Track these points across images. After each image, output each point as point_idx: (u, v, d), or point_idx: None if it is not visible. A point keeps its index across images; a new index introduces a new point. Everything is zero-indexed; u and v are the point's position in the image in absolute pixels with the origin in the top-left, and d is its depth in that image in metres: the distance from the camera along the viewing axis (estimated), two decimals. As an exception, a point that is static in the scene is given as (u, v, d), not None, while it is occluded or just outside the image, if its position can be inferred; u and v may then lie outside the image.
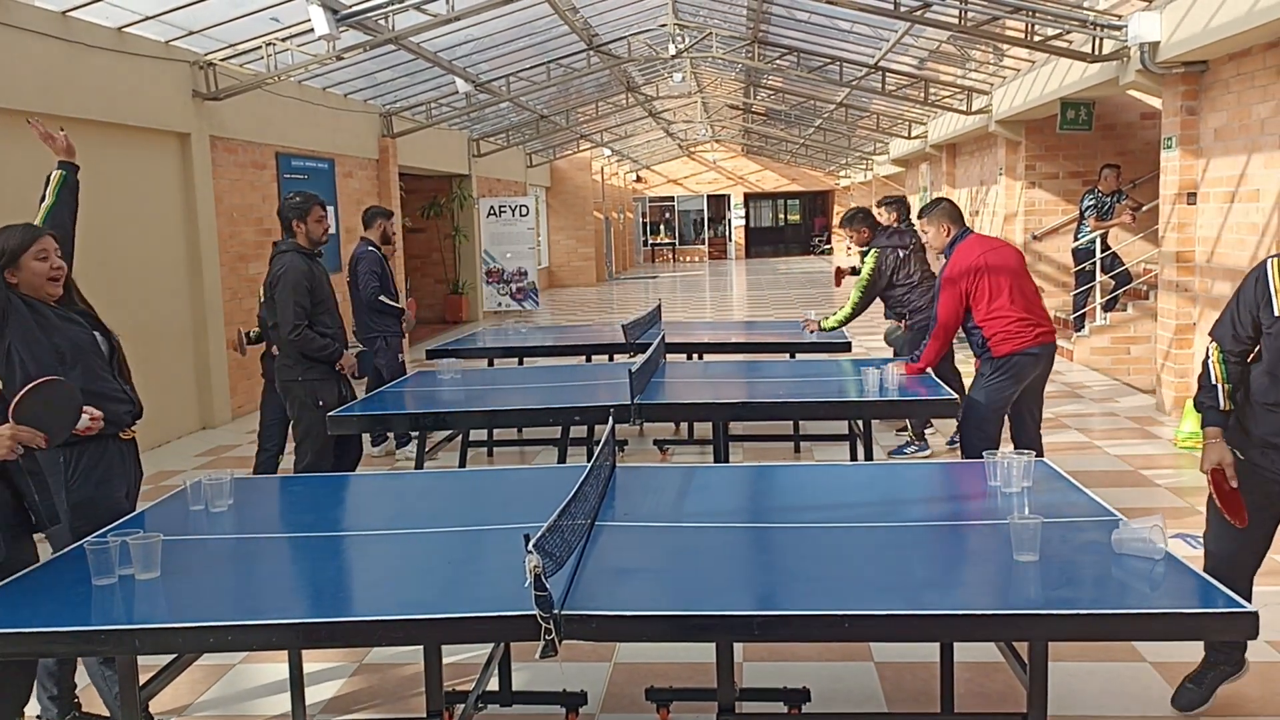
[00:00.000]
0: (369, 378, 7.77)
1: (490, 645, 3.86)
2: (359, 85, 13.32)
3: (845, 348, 7.60)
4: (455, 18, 10.19)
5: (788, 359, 7.57)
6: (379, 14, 9.77)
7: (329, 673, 4.26)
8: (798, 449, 7.86)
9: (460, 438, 7.33)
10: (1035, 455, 3.50)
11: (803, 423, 7.81)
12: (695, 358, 8.11)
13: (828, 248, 38.75)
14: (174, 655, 3.14)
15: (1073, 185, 12.96)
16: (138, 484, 3.86)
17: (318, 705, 4.00)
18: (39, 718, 3.72)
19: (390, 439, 8.33)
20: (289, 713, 3.74)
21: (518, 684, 3.90)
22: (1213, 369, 3.43)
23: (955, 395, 5.35)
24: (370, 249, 7.81)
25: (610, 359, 8.13)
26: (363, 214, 8.09)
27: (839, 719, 3.76)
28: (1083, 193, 11.65)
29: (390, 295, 7.85)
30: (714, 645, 2.95)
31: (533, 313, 19.33)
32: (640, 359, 5.74)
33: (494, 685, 3.81)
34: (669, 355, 7.19)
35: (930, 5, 9.79)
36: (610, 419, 4.03)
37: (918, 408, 5.92)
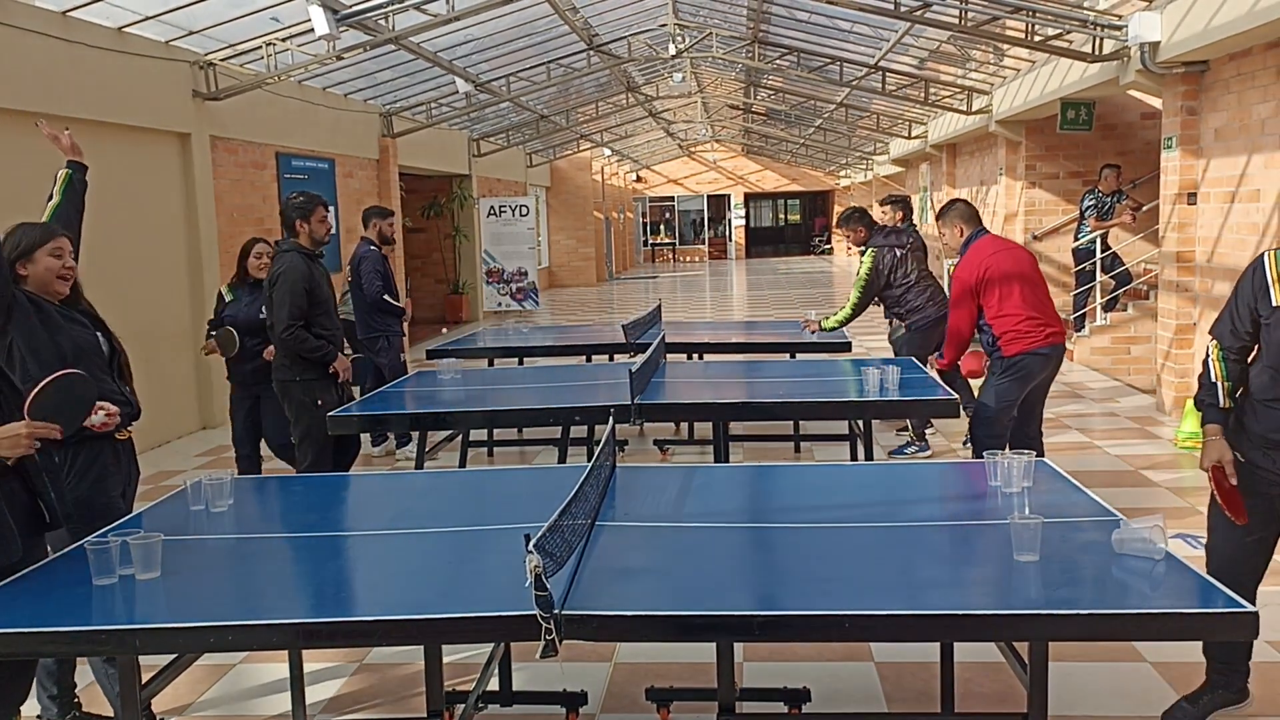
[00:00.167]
0: (370, 377, 7.78)
1: (490, 645, 3.86)
2: (359, 85, 13.32)
3: (845, 348, 7.60)
4: (455, 18, 10.20)
5: (788, 359, 7.57)
6: (379, 14, 9.78)
7: (329, 672, 4.27)
8: (798, 449, 7.86)
9: (460, 438, 7.33)
10: (1035, 455, 3.50)
11: (803, 423, 7.82)
12: (695, 358, 8.12)
13: (828, 248, 38.75)
14: (174, 655, 3.14)
15: (1073, 185, 12.96)
16: (134, 484, 3.87)
17: (318, 705, 4.01)
18: (39, 718, 3.72)
19: (391, 439, 8.35)
20: (289, 712, 3.74)
21: (518, 684, 3.90)
22: (1212, 366, 3.42)
23: (955, 396, 5.35)
24: (372, 249, 7.84)
25: (610, 359, 8.13)
26: (362, 215, 8.13)
27: (839, 719, 3.76)
28: (1083, 193, 11.65)
29: (393, 295, 7.89)
30: (714, 645, 2.95)
31: (533, 313, 19.34)
32: (640, 359, 5.73)
33: (494, 685, 3.81)
34: (669, 355, 7.19)
35: (930, 5, 9.79)
36: (610, 419, 4.03)
37: (918, 408, 5.93)
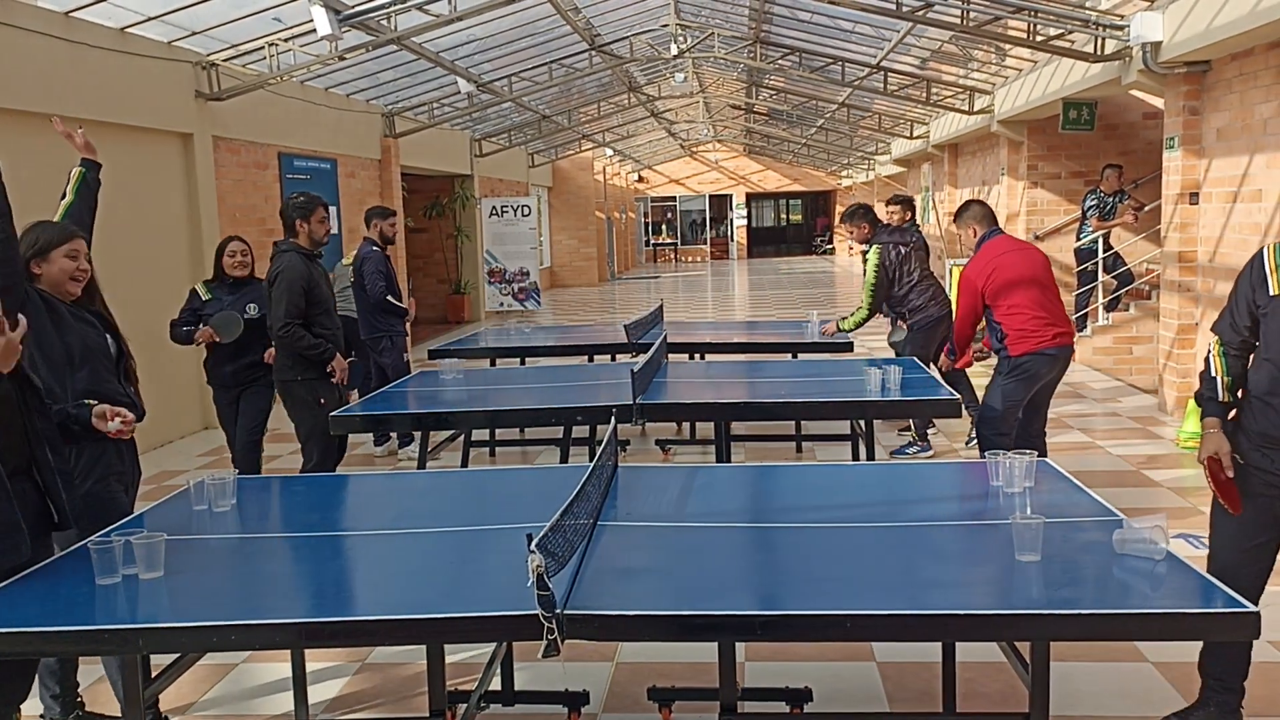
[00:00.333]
0: (375, 376, 7.80)
1: (493, 645, 3.87)
2: (361, 85, 13.33)
3: (847, 347, 7.60)
4: (457, 18, 10.21)
5: (789, 359, 7.57)
6: (381, 14, 9.79)
7: (332, 672, 4.27)
8: (799, 449, 7.87)
9: (462, 438, 7.34)
10: (1037, 455, 3.50)
11: (804, 423, 7.82)
12: (697, 358, 8.12)
13: (830, 248, 38.73)
14: (177, 655, 3.15)
15: (1075, 185, 12.95)
16: (136, 483, 3.90)
17: (320, 705, 4.01)
18: (41, 717, 3.73)
19: (393, 439, 8.35)
20: (292, 712, 3.75)
21: (520, 683, 3.91)
22: (1213, 362, 3.43)
23: (957, 396, 5.35)
24: (374, 249, 7.85)
25: (612, 359, 8.14)
26: (365, 215, 8.16)
27: (841, 719, 3.77)
28: (1085, 193, 11.65)
29: (396, 295, 7.90)
30: (716, 645, 2.95)
31: (535, 313, 19.34)
32: (642, 359, 5.74)
33: (496, 685, 3.82)
34: (671, 355, 7.20)
35: (932, 5, 9.79)
36: (612, 419, 4.04)
37: (920, 408, 5.93)
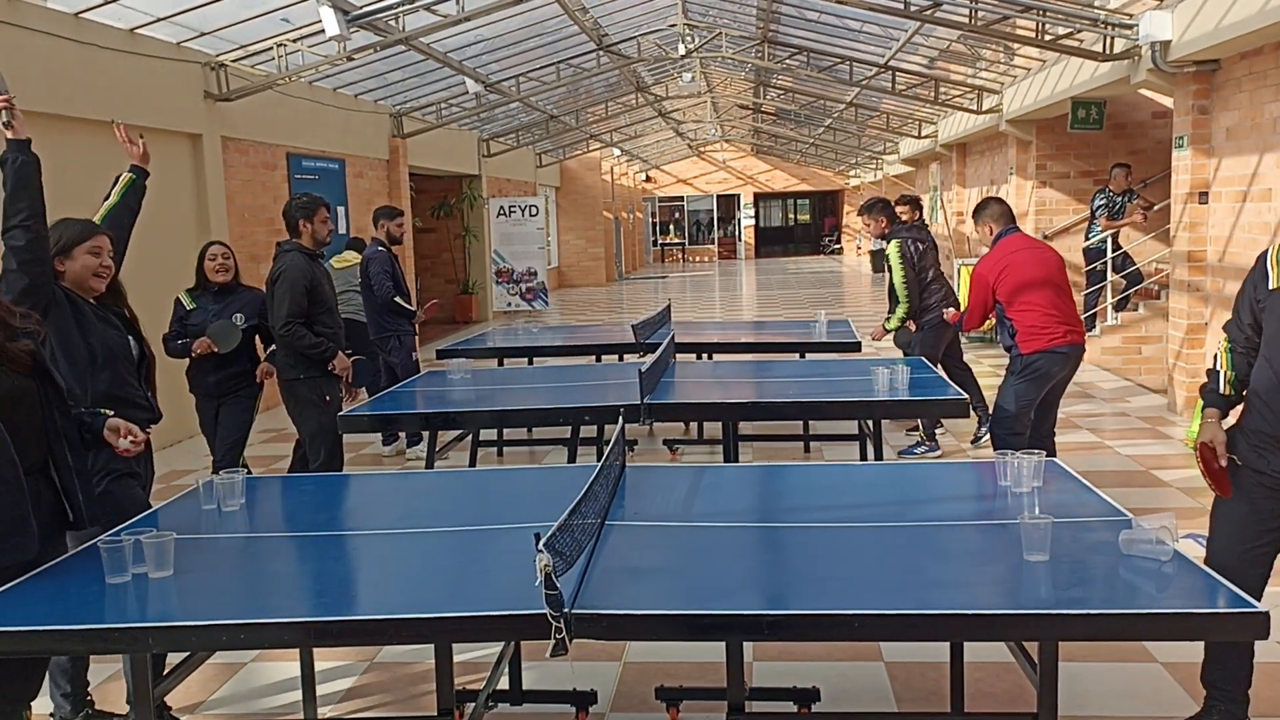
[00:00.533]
0: (384, 376, 7.80)
1: (500, 644, 3.87)
2: (369, 86, 13.36)
3: (855, 347, 7.59)
4: (465, 18, 10.23)
5: (797, 359, 7.56)
6: (389, 15, 9.80)
7: (340, 671, 4.28)
8: (807, 449, 7.86)
9: (470, 437, 7.35)
10: (1046, 455, 3.49)
11: (812, 422, 7.81)
12: (705, 358, 8.12)
13: (837, 248, 38.69)
14: (186, 653, 3.16)
15: (1084, 185, 12.92)
16: (150, 481, 3.95)
17: (329, 703, 4.02)
18: (51, 715, 3.75)
19: (401, 439, 8.36)
20: (300, 711, 3.76)
21: (528, 683, 3.92)
22: (1220, 357, 3.48)
23: (965, 395, 5.35)
24: (380, 249, 7.87)
25: (620, 359, 8.14)
26: (372, 215, 8.18)
27: (849, 718, 3.77)
28: (1094, 192, 11.62)
29: (404, 295, 7.90)
30: (724, 644, 2.96)
31: (542, 313, 19.35)
32: (650, 359, 5.74)
33: (504, 684, 3.82)
34: (679, 355, 7.19)
35: (940, 4, 9.77)
36: (620, 419, 4.03)
37: (928, 408, 5.92)
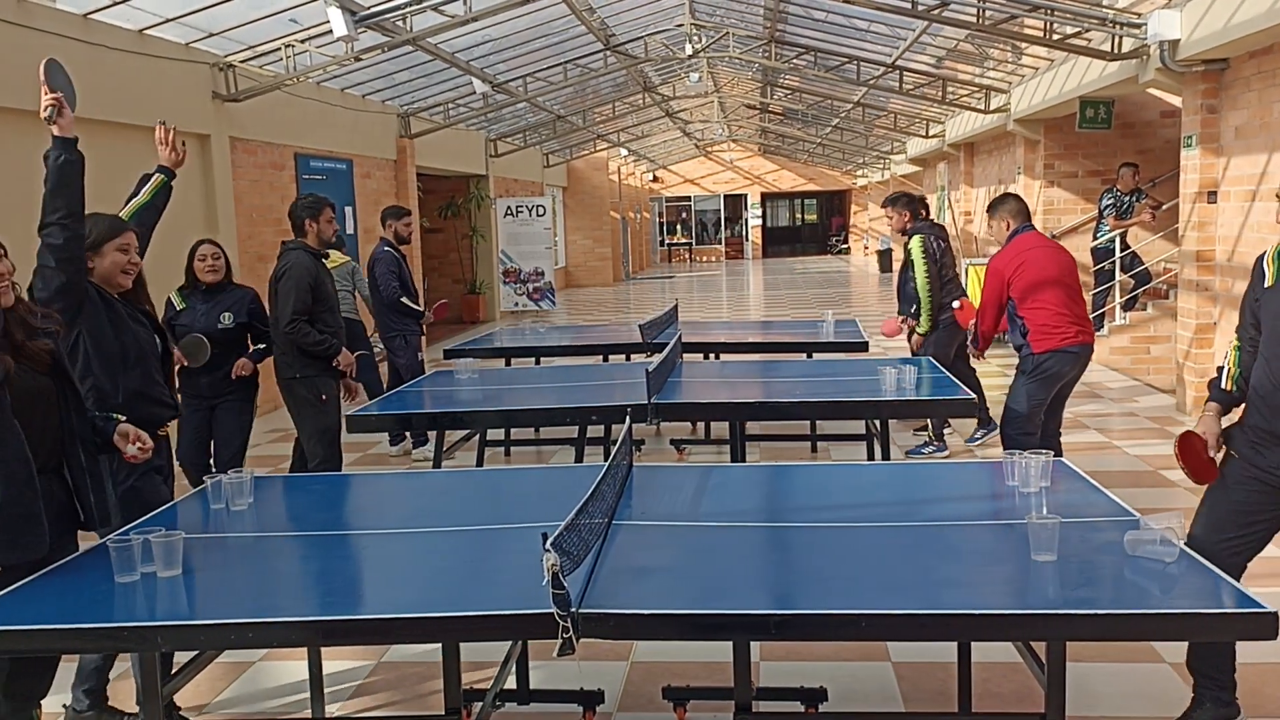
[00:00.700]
0: (389, 376, 7.82)
1: (508, 643, 3.88)
2: (377, 86, 13.38)
3: (863, 347, 7.59)
4: (473, 19, 10.24)
5: (804, 359, 7.56)
6: (397, 15, 9.82)
7: (348, 670, 4.29)
8: (814, 448, 7.86)
9: (478, 437, 7.35)
10: (1053, 455, 3.49)
11: (819, 422, 7.80)
12: (712, 357, 8.11)
13: (845, 247, 38.65)
14: (195, 652, 3.17)
15: (1092, 184, 12.88)
16: (171, 476, 4.05)
17: (336, 702, 4.03)
18: (65, 707, 3.76)
19: (408, 439, 8.38)
20: (308, 709, 3.77)
21: (535, 682, 3.92)
22: (1228, 355, 3.49)
23: (972, 395, 5.34)
24: (387, 249, 7.88)
25: (627, 359, 8.14)
26: (380, 215, 8.20)
27: (856, 718, 3.76)
28: (1102, 191, 11.59)
29: (410, 295, 7.91)
30: (731, 644, 2.96)
31: (549, 313, 19.37)
32: (657, 359, 5.74)
33: (511, 683, 3.83)
34: (686, 355, 7.19)
35: (948, 4, 9.76)
36: (627, 418, 4.04)
37: (935, 407, 5.92)
